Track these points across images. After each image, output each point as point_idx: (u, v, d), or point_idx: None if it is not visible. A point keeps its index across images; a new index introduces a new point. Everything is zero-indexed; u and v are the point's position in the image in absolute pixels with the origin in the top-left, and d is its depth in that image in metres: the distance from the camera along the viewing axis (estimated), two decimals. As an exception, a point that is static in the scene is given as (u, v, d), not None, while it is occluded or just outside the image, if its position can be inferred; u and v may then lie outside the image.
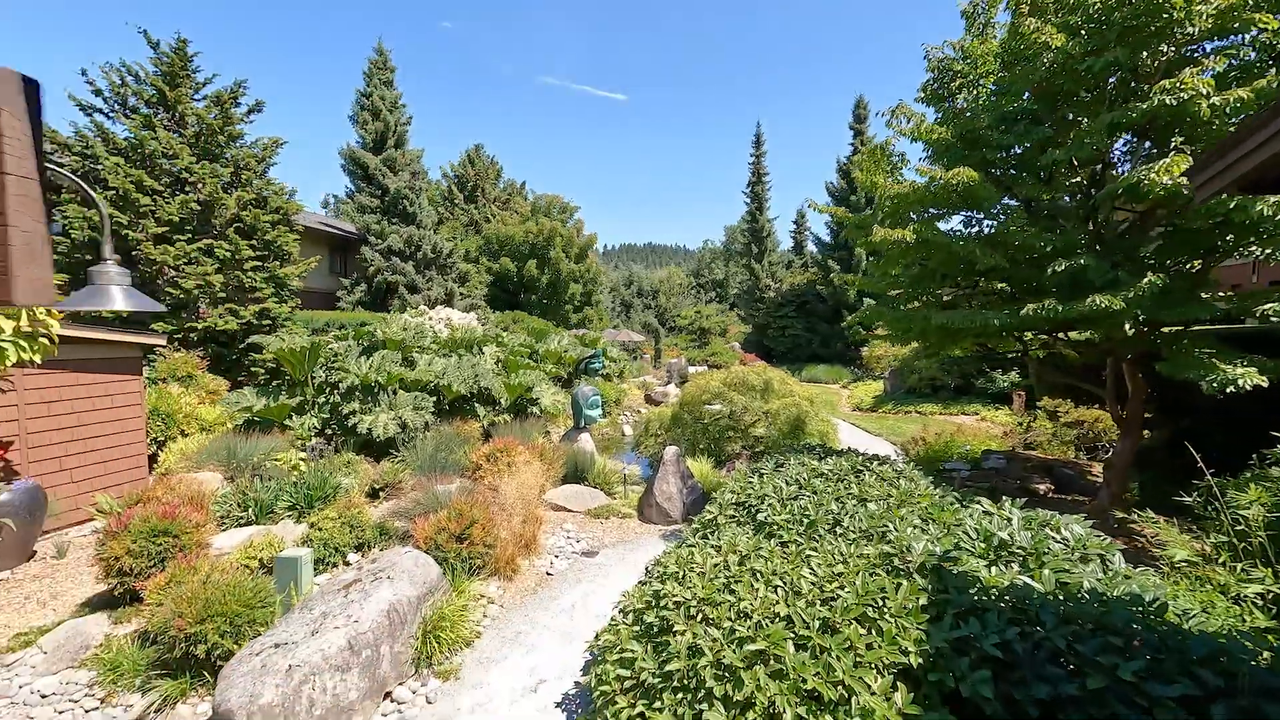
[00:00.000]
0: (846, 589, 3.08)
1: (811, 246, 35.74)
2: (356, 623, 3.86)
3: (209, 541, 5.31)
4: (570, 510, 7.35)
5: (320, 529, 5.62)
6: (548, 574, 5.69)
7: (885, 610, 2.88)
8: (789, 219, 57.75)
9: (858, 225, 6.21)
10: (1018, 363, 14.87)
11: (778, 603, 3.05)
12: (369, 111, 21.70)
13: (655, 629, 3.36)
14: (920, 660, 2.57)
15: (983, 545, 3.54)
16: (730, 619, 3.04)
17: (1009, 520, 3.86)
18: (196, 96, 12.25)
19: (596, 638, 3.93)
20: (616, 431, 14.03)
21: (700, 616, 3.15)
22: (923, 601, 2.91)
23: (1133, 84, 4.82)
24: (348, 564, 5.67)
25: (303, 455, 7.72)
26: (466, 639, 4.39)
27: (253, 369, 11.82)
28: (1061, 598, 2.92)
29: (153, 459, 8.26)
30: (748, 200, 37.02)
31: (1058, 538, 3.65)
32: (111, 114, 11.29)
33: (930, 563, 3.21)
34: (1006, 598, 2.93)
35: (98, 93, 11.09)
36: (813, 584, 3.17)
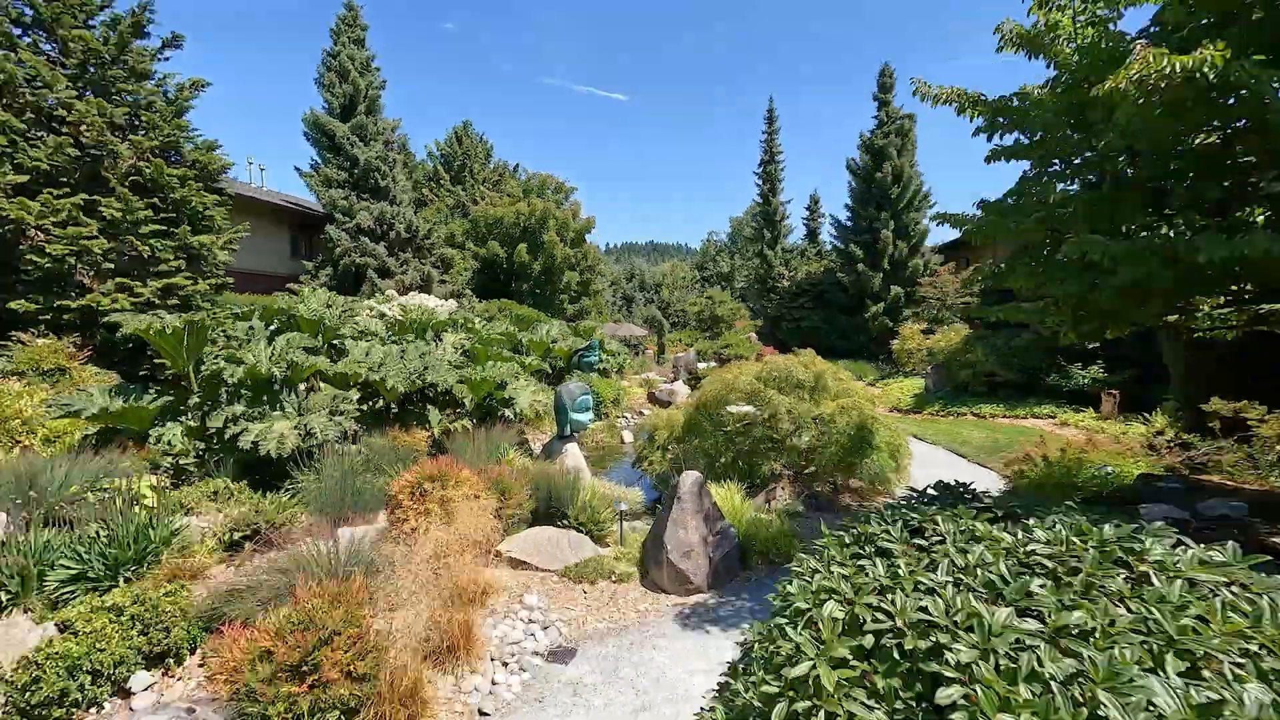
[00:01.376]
0: None
1: (826, 235, 33.10)
2: None
3: None
4: (537, 568, 4.87)
5: (76, 633, 3.17)
6: (480, 714, 3.23)
7: None
8: (801, 204, 54.81)
9: (1060, 96, 3.57)
10: (1097, 355, 12.33)
11: None
12: (336, 73, 19.11)
13: None
14: None
15: None
16: None
17: None
18: (91, 22, 9.83)
19: None
20: (614, 438, 11.54)
21: None
22: None
23: None
24: (131, 695, 3.22)
25: (153, 480, 5.26)
26: None
27: (157, 360, 9.38)
28: None
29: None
30: (759, 182, 34.27)
31: None
32: (-34, 35, 8.85)
33: None
34: None
35: (-55, 6, 8.66)
36: None
